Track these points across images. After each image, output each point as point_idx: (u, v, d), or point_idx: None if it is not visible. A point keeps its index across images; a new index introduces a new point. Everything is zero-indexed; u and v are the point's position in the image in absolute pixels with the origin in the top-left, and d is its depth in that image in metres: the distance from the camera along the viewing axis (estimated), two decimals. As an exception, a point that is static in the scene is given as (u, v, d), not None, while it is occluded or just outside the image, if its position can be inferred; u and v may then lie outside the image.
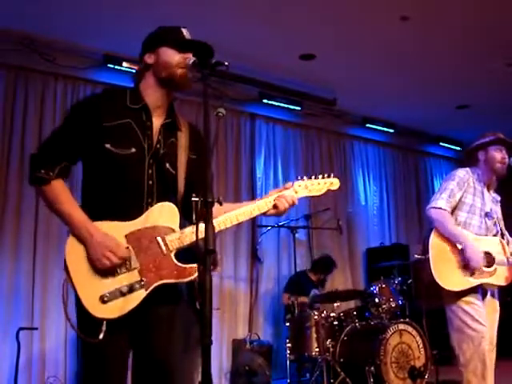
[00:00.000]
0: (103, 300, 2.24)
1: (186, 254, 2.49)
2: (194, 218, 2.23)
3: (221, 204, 2.18)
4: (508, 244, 4.35)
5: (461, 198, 4.22)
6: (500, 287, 4.24)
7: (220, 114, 2.26)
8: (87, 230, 2.28)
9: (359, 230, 8.80)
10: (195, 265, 2.27)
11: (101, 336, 2.20)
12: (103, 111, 2.40)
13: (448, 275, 4.07)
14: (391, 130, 9.07)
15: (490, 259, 4.13)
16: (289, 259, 7.54)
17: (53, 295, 5.90)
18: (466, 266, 4.05)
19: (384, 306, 6.00)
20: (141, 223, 2.34)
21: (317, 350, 5.83)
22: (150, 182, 2.40)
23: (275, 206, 2.55)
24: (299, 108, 7.91)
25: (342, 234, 7.30)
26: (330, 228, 7.37)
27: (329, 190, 2.75)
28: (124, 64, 6.36)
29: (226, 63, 2.40)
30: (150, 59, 2.50)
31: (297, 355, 6.00)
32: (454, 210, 4.21)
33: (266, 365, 6.64)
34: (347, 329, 5.93)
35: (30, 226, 5.90)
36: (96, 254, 2.25)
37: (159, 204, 2.38)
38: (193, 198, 2.16)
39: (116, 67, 6.39)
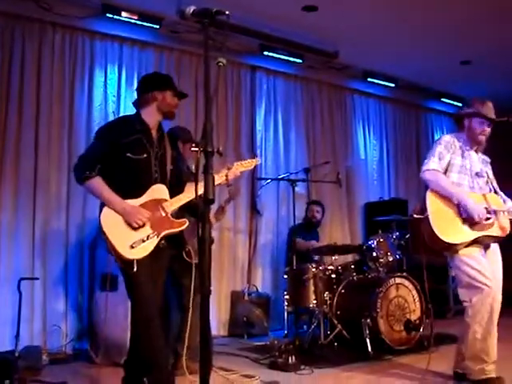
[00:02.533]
0: (132, 246, 3.44)
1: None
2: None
3: (221, 155, 2.44)
4: (504, 202, 4.51)
5: (450, 160, 4.42)
6: (499, 238, 4.39)
7: (220, 63, 2.33)
8: (121, 205, 3.52)
9: (358, 184, 8.80)
10: (184, 219, 3.66)
11: (134, 269, 3.39)
12: (122, 132, 3.64)
13: (449, 229, 4.22)
14: (393, 85, 8.96)
15: (487, 212, 4.28)
16: (288, 212, 7.57)
17: (53, 246, 5.95)
18: (467, 220, 4.20)
19: (381, 260, 6.05)
20: (146, 198, 3.61)
21: (314, 302, 5.91)
22: (156, 175, 3.69)
23: (226, 178, 3.84)
24: (300, 61, 7.80)
25: (341, 187, 7.32)
26: (330, 181, 7.38)
27: (255, 165, 4.26)
28: (123, 14, 6.26)
29: (227, 12, 2.37)
30: (159, 96, 3.73)
31: (294, 307, 6.09)
32: (445, 173, 4.39)
33: (264, 316, 6.75)
34: (345, 282, 6.00)
35: (30, 175, 5.89)
36: (131, 218, 3.48)
37: (154, 186, 3.65)
38: (192, 148, 2.41)
39: (115, 17, 6.27)
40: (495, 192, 4.54)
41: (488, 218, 4.27)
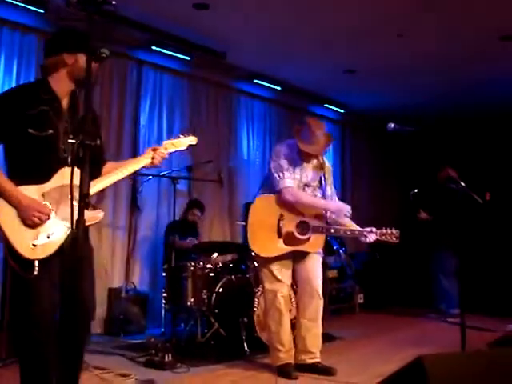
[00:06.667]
0: (34, 245, 2.89)
1: None
2: (69, 160, 3.04)
3: (98, 147, 2.33)
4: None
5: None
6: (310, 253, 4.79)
7: (103, 54, 2.27)
8: (16, 197, 2.92)
9: (240, 184, 8.88)
10: (99, 210, 3.19)
11: (35, 272, 2.84)
12: (25, 102, 3.03)
13: (264, 242, 4.67)
14: (278, 88, 9.14)
15: (305, 227, 4.62)
16: (168, 209, 7.51)
17: None
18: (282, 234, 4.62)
19: (260, 260, 6.13)
20: (52, 184, 3.02)
21: (192, 300, 5.91)
22: (65, 155, 3.07)
23: (152, 160, 3.40)
24: (189, 58, 7.76)
25: (222, 186, 7.34)
26: (211, 180, 7.40)
27: (190, 145, 3.65)
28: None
29: (114, 2, 2.32)
30: (69, 60, 3.11)
31: (172, 305, 6.06)
32: None
33: (142, 314, 6.67)
34: (223, 280, 6.03)
35: None
36: (27, 215, 2.91)
37: (62, 169, 3.04)
38: (69, 140, 2.33)
39: None
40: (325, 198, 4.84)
41: (304, 233, 4.60)
